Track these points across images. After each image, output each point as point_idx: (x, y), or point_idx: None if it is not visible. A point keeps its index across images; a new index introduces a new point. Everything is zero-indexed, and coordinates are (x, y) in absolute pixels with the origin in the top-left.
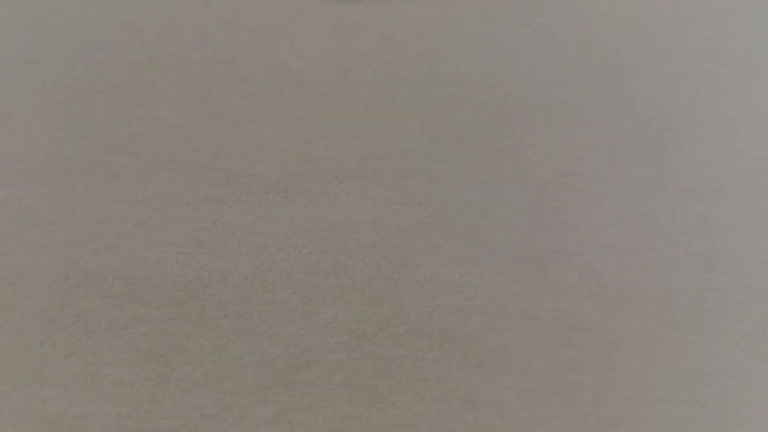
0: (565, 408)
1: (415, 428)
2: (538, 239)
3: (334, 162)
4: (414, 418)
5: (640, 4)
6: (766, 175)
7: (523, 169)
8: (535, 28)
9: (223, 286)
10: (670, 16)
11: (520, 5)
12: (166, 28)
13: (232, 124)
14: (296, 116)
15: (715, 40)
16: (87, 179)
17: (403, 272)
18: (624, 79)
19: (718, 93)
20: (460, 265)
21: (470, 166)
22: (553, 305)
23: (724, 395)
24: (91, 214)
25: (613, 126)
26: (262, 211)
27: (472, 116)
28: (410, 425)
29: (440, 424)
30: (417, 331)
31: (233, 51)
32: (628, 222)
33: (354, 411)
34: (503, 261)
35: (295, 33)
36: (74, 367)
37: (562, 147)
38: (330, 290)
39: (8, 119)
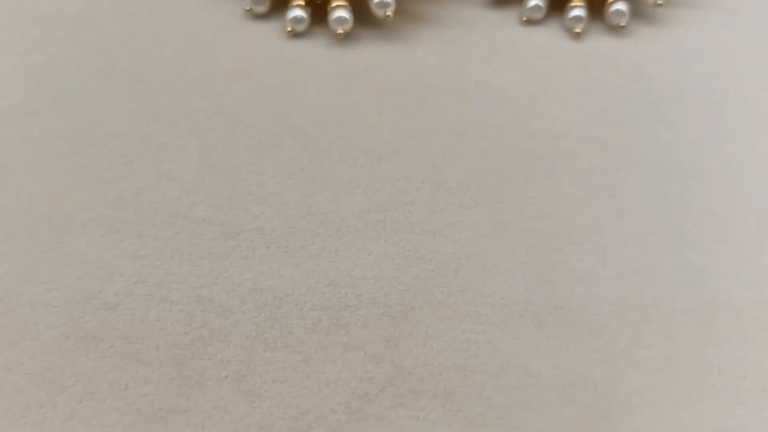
0: None
1: None
2: (539, 294)
3: (335, 215)
4: None
5: (641, 49)
6: None
7: (525, 221)
8: (536, 76)
9: (224, 345)
10: (671, 62)
11: (521, 53)
12: (168, 78)
13: (234, 176)
14: (298, 168)
15: (718, 86)
16: (88, 235)
17: (404, 329)
18: (625, 127)
19: (722, 141)
20: (461, 322)
21: (472, 218)
22: (555, 362)
23: None
24: (92, 271)
25: (614, 175)
26: (263, 267)
27: (473, 167)
28: None
29: None
30: (419, 390)
31: (235, 101)
32: (629, 275)
33: None
34: (505, 317)
35: (297, 82)
36: (75, 429)
37: (563, 198)
38: (331, 349)
39: (7, 172)
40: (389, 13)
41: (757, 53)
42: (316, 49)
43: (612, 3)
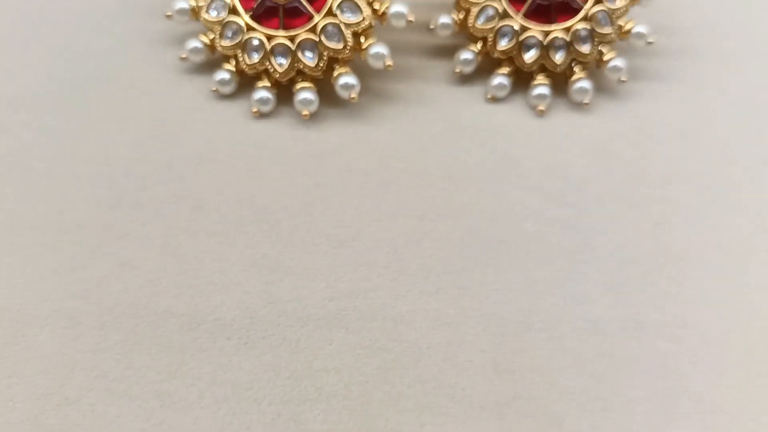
0: None
1: None
2: (500, 383)
3: (297, 303)
4: None
5: (604, 126)
6: (729, 309)
7: (486, 307)
8: (500, 156)
9: None
10: (635, 139)
11: (486, 132)
12: (133, 162)
13: (196, 264)
14: (260, 254)
15: (680, 164)
16: (49, 327)
17: (364, 424)
18: (587, 209)
19: (683, 221)
20: (421, 414)
21: (433, 305)
22: None
23: None
24: (53, 365)
25: (575, 259)
26: (223, 360)
27: (435, 251)
28: None
29: None
30: None
31: (199, 185)
32: (589, 363)
33: None
34: (465, 408)
35: (262, 165)
36: None
37: (524, 283)
38: None
39: None
40: (354, 95)
41: (720, 127)
42: (281, 130)
43: (575, 81)
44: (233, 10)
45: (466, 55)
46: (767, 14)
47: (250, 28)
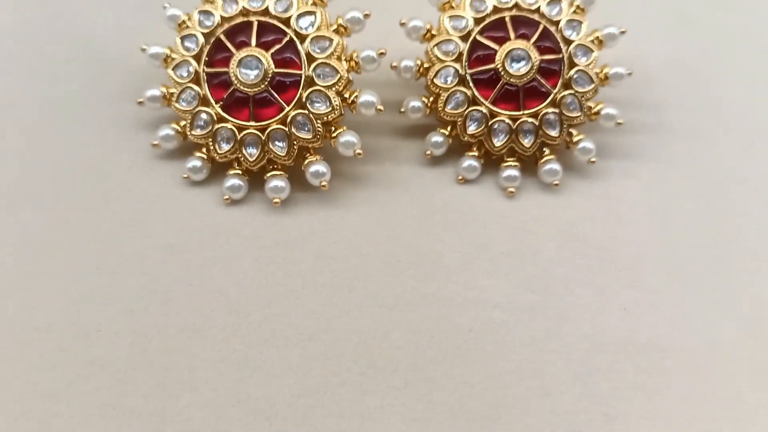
0: None
1: None
2: None
3: (265, 401)
4: None
5: (574, 207)
6: (698, 401)
7: (454, 401)
8: (470, 241)
9: None
10: (605, 220)
11: (456, 215)
12: (104, 254)
13: (166, 362)
14: (230, 350)
15: (648, 248)
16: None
17: None
18: (556, 294)
19: (651, 307)
20: None
21: (401, 400)
22: None
23: None
24: None
25: (543, 347)
26: None
27: (404, 343)
28: None
29: None
30: None
31: (170, 278)
32: None
33: None
34: None
35: (233, 254)
36: None
37: (492, 375)
38: None
39: None
40: (324, 183)
41: (691, 207)
42: (252, 217)
43: (545, 162)
44: (204, 100)
45: (436, 137)
46: (738, 89)
47: (220, 119)
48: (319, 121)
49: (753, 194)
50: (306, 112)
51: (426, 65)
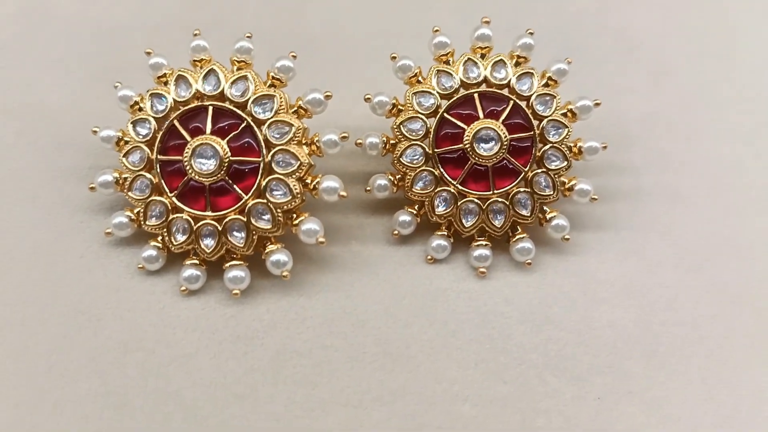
0: None
1: None
2: None
3: None
4: None
5: (547, 286)
6: None
7: None
8: (439, 328)
9: None
10: (578, 300)
11: (424, 299)
12: (55, 355)
13: None
14: None
15: (623, 330)
16: None
17: None
18: (527, 384)
19: (626, 395)
20: None
21: None
22: None
23: None
24: None
25: None
26: None
27: None
28: None
29: None
30: None
31: (124, 379)
32: None
33: None
34: None
35: (190, 351)
36: None
37: None
38: None
39: None
40: (286, 272)
41: (667, 281)
42: (211, 308)
43: (517, 241)
44: (157, 189)
45: (404, 217)
46: (719, 144)
47: (175, 209)
48: (279, 210)
49: (734, 261)
50: (265, 201)
51: (392, 141)
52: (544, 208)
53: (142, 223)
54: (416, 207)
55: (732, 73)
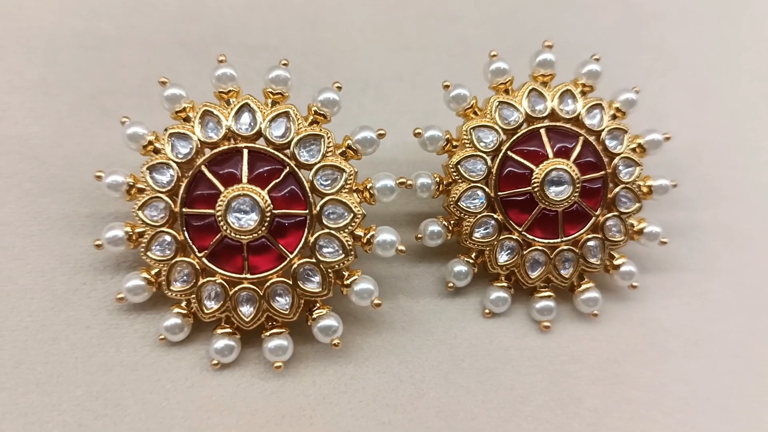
0: None
1: None
2: None
3: None
4: None
5: (614, 338)
6: None
7: None
8: (504, 394)
9: None
10: (646, 356)
11: (483, 364)
12: (79, 417)
13: None
14: None
15: (694, 387)
16: None
17: None
18: None
19: None
20: None
21: None
22: None
23: None
24: None
25: None
26: None
27: None
28: None
29: None
30: None
31: None
32: None
33: None
34: None
35: None
36: None
37: None
38: None
39: None
40: (336, 340)
41: (732, 324)
42: (248, 384)
43: (583, 291)
44: (183, 248)
45: (459, 267)
46: (765, 175)
47: (206, 271)
48: (330, 270)
49: None
50: (314, 260)
51: (446, 181)
52: (613, 253)
53: (165, 287)
54: (473, 255)
55: None
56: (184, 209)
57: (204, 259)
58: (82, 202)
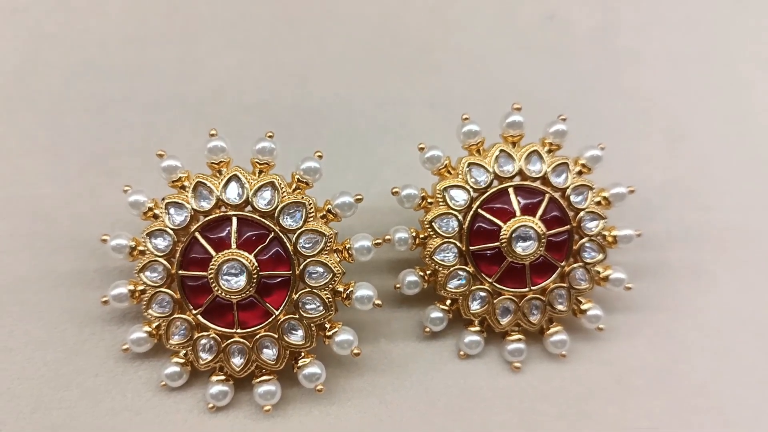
0: None
1: None
2: None
3: None
4: None
5: (582, 377)
6: None
7: None
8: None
9: None
10: (612, 393)
11: (458, 402)
12: None
13: None
14: None
15: (658, 423)
16: None
17: None
18: None
19: None
20: None
21: None
22: None
23: None
24: None
25: None
26: None
27: None
28: None
29: None
30: None
31: None
32: None
33: None
34: None
35: None
36: None
37: None
38: None
39: None
40: (320, 386)
41: (697, 364)
42: (240, 424)
43: (552, 333)
44: (179, 305)
45: (435, 313)
46: (737, 212)
47: (200, 326)
48: (312, 324)
49: (758, 340)
50: (297, 316)
51: (422, 235)
52: (579, 299)
53: (165, 341)
54: (447, 303)
55: (747, 133)
56: (180, 271)
57: (199, 316)
58: (90, 257)
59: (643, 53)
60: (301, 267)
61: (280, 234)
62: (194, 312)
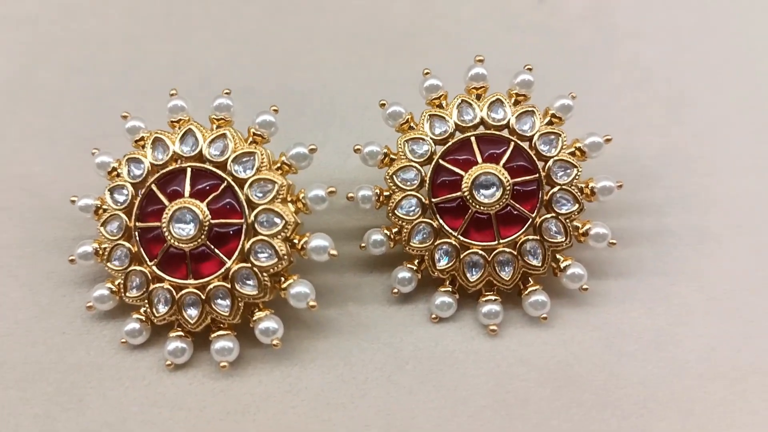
0: None
1: None
2: None
3: None
4: None
5: (564, 342)
6: None
7: None
8: (446, 395)
9: None
10: (601, 359)
11: (428, 365)
12: (49, 409)
13: None
14: None
15: (654, 389)
16: None
17: None
18: None
19: None
20: None
21: None
22: None
23: None
24: None
25: None
26: None
27: None
28: None
29: None
30: None
31: None
32: None
33: None
34: None
35: (177, 431)
36: None
37: None
38: None
39: None
40: (276, 341)
41: (698, 328)
42: (198, 383)
43: (529, 294)
44: (137, 258)
45: (403, 273)
46: (740, 178)
47: (156, 278)
48: (265, 274)
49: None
50: (249, 265)
51: (386, 193)
52: (557, 256)
53: (123, 295)
54: (416, 262)
55: (749, 100)
56: (137, 223)
57: (154, 267)
58: (70, 227)
59: (640, 28)
60: (253, 215)
61: (233, 183)
62: (150, 264)
